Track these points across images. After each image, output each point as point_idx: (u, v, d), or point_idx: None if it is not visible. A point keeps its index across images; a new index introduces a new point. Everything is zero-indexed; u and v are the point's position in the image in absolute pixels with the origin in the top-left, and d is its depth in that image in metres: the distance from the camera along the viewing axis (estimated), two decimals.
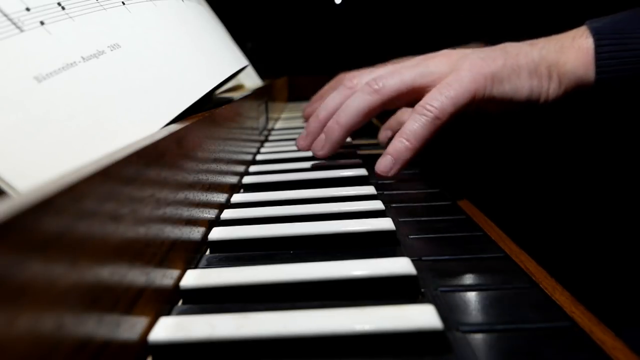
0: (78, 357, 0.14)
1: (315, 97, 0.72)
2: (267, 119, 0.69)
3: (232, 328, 0.19)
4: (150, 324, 0.20)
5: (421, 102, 0.39)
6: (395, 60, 0.70)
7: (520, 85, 0.40)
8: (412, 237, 0.30)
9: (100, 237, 0.16)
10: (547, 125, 0.60)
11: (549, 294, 0.22)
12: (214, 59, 0.39)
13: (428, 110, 0.38)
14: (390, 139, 0.46)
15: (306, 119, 0.68)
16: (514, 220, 0.38)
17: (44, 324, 0.12)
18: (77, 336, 0.14)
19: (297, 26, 1.33)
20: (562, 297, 0.22)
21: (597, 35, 0.38)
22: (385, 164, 0.38)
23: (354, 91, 0.43)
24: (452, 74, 0.40)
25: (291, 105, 1.09)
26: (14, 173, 0.20)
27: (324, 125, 0.44)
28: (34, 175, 0.20)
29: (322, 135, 0.43)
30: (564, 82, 0.40)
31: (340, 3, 1.31)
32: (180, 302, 0.23)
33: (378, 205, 0.33)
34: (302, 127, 0.73)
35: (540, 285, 0.23)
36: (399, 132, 0.39)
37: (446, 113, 0.38)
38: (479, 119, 0.44)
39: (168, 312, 0.22)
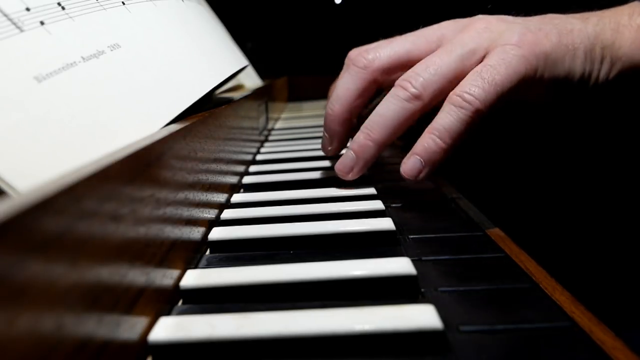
0: (78, 357, 0.14)
1: (332, 87, 0.66)
2: (267, 119, 0.69)
3: (232, 328, 0.19)
4: (150, 324, 0.20)
5: (457, 90, 0.32)
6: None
7: (574, 68, 0.33)
8: (412, 237, 0.30)
9: (100, 237, 0.16)
10: (546, 125, 0.60)
11: (549, 294, 0.22)
12: (214, 59, 0.39)
13: (466, 101, 0.31)
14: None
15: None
16: (514, 220, 0.38)
17: (44, 324, 0.12)
18: (77, 336, 0.14)
19: (297, 26, 1.33)
20: (562, 297, 0.22)
21: None
22: (413, 166, 0.32)
23: (368, 73, 0.36)
24: (497, 51, 0.32)
25: (291, 105, 1.09)
26: (14, 173, 0.20)
27: (341, 120, 0.37)
28: (34, 175, 0.20)
29: (351, 154, 0.35)
30: (616, 66, 0.34)
31: (340, 3, 1.31)
32: (180, 302, 0.23)
33: (378, 205, 0.33)
34: (302, 128, 0.73)
35: (540, 285, 0.23)
36: (429, 126, 0.32)
37: (489, 103, 0.31)
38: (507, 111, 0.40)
39: (168, 312, 0.22)
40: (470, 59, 0.33)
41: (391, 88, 0.35)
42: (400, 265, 0.23)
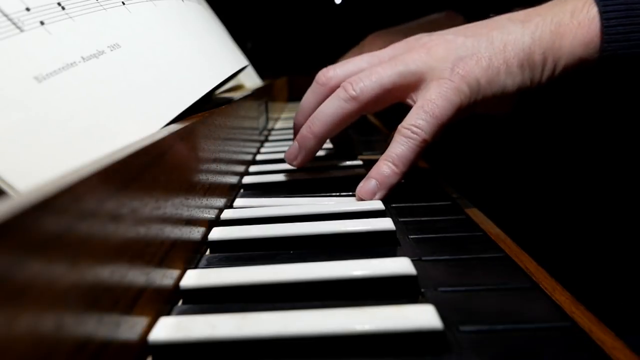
0: (78, 357, 0.14)
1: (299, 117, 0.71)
2: (267, 119, 0.69)
3: (232, 328, 0.19)
4: (150, 324, 0.20)
5: (405, 124, 0.36)
6: (373, 36, 0.69)
7: (511, 83, 0.36)
8: (412, 237, 0.30)
9: (100, 237, 0.16)
10: (546, 125, 0.60)
11: (549, 294, 0.22)
12: (214, 59, 0.39)
13: (414, 133, 0.36)
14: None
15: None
16: (514, 220, 0.38)
17: (44, 324, 0.12)
18: (77, 336, 0.14)
19: (297, 26, 1.33)
20: (562, 297, 0.22)
21: (602, 2, 0.35)
22: (368, 188, 0.35)
23: (326, 89, 0.40)
24: (434, 84, 0.36)
25: (291, 105, 1.09)
26: (14, 173, 0.20)
27: (318, 141, 0.40)
28: (34, 175, 0.20)
29: (295, 144, 0.40)
30: (559, 66, 0.36)
31: (340, 3, 1.31)
32: (180, 302, 0.23)
33: (378, 205, 0.33)
34: None
35: (540, 285, 0.23)
36: (384, 154, 0.36)
37: (433, 133, 0.36)
38: (477, 120, 0.42)
39: (168, 312, 0.22)
40: (408, 78, 0.38)
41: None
42: (400, 265, 0.23)
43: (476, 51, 0.37)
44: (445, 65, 0.37)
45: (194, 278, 0.24)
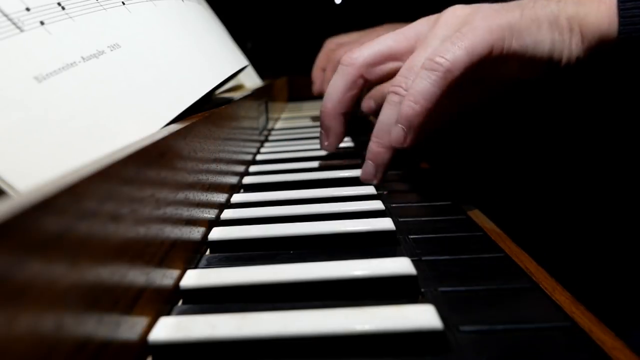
0: (78, 357, 0.14)
1: (314, 73, 0.75)
2: (267, 119, 0.69)
3: (232, 328, 0.19)
4: (150, 324, 0.20)
5: (430, 55, 0.34)
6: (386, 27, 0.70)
7: (542, 38, 0.35)
8: (412, 237, 0.30)
9: (100, 237, 0.16)
10: (547, 124, 0.60)
11: (549, 294, 0.22)
12: (214, 59, 0.39)
13: (438, 63, 0.33)
14: (377, 110, 0.42)
15: (315, 93, 0.69)
16: (514, 220, 0.38)
17: (44, 324, 0.12)
18: (77, 336, 0.14)
19: (297, 26, 1.33)
20: (562, 297, 0.22)
21: None
22: (397, 134, 0.34)
23: (354, 70, 0.40)
24: (465, 26, 0.35)
25: (291, 105, 1.09)
26: (14, 173, 0.20)
27: (334, 115, 0.41)
28: (34, 175, 0.20)
29: (369, 163, 0.38)
30: (586, 36, 0.35)
31: (340, 3, 1.31)
32: (180, 302, 0.23)
33: (378, 205, 0.33)
34: (302, 128, 0.73)
35: (540, 285, 0.23)
36: (407, 93, 0.34)
37: (460, 65, 0.33)
38: (476, 120, 0.42)
39: (168, 312, 0.22)
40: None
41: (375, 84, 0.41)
42: (400, 265, 0.23)
43: (506, 7, 0.36)
44: (476, 14, 0.36)
45: (194, 278, 0.24)
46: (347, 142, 0.56)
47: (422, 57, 0.36)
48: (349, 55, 0.41)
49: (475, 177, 0.64)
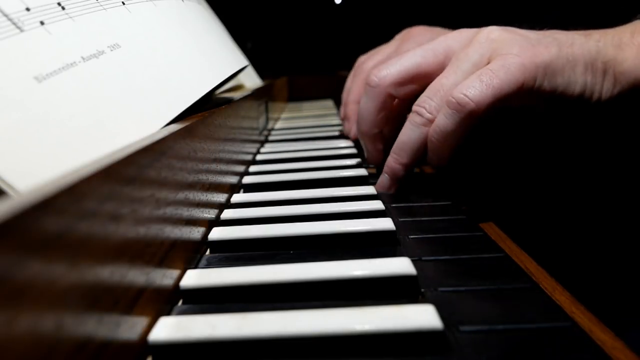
0: (78, 357, 0.14)
1: (344, 95, 0.67)
2: (267, 119, 0.69)
3: (232, 328, 0.19)
4: (150, 324, 0.20)
5: (454, 92, 0.33)
6: (410, 30, 0.66)
7: (574, 80, 0.34)
8: (412, 237, 0.30)
9: (100, 237, 0.16)
10: (549, 128, 0.60)
11: (549, 294, 0.22)
12: (214, 59, 0.39)
13: (462, 104, 0.33)
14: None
15: (342, 119, 0.64)
16: (514, 220, 0.38)
17: (44, 324, 0.12)
18: (77, 336, 0.14)
19: (297, 26, 1.33)
20: (562, 297, 0.22)
21: None
22: (429, 158, 0.36)
23: (382, 90, 0.40)
24: (498, 58, 0.34)
25: (291, 105, 1.09)
26: (14, 173, 0.20)
27: (371, 136, 0.43)
28: (34, 175, 0.20)
29: (386, 177, 0.39)
30: (620, 81, 0.35)
31: (340, 3, 1.31)
32: (180, 302, 0.23)
33: (378, 205, 0.33)
34: (302, 128, 0.73)
35: (540, 285, 0.23)
36: (431, 129, 0.35)
37: (484, 105, 0.32)
38: (510, 117, 0.41)
39: (168, 312, 0.22)
40: (475, 71, 0.35)
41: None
42: (400, 265, 0.23)
43: (544, 40, 0.35)
44: (512, 44, 0.34)
45: (194, 278, 0.24)
46: (347, 143, 0.56)
47: (450, 80, 0.36)
48: (376, 75, 0.40)
49: (476, 177, 0.64)
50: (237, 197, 0.37)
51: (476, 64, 0.35)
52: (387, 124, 0.43)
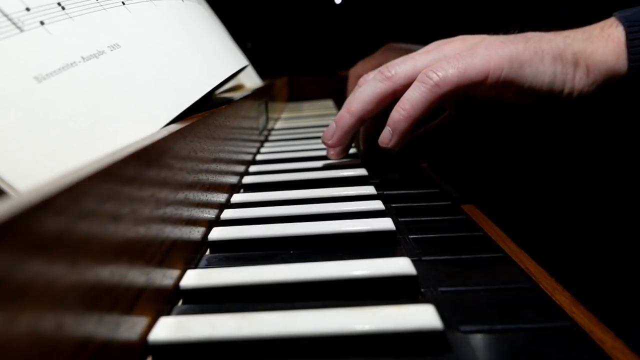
0: (78, 357, 0.14)
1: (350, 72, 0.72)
2: (267, 119, 0.69)
3: (232, 328, 0.19)
4: (150, 324, 0.20)
5: (425, 70, 0.37)
6: (387, 47, 0.69)
7: (543, 70, 0.36)
8: (412, 237, 0.30)
9: (100, 237, 0.16)
10: (549, 127, 0.60)
11: (549, 294, 0.22)
12: (214, 59, 0.39)
13: (428, 77, 0.37)
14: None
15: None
16: (514, 220, 0.38)
17: (44, 324, 0.12)
18: (77, 336, 0.14)
19: (297, 26, 1.33)
20: (562, 297, 0.22)
21: (627, 23, 0.35)
22: (384, 136, 0.38)
23: (392, 82, 0.41)
24: (467, 50, 0.38)
25: (291, 105, 1.09)
26: (14, 173, 0.20)
27: (355, 119, 0.42)
28: (34, 175, 0.20)
29: (332, 124, 0.42)
30: (592, 71, 0.36)
31: (340, 3, 1.31)
32: (180, 302, 0.23)
33: (378, 205, 0.33)
34: (302, 127, 0.73)
35: (540, 285, 0.23)
36: (399, 101, 0.38)
37: (448, 83, 0.36)
38: (494, 118, 0.42)
39: (168, 312, 0.22)
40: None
41: None
42: (400, 265, 0.23)
43: (511, 38, 0.38)
44: (480, 44, 0.38)
45: (194, 278, 0.24)
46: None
47: (423, 62, 0.39)
48: (389, 69, 0.41)
49: (476, 177, 0.64)
50: (237, 197, 0.37)
51: (447, 56, 0.38)
52: (368, 119, 0.43)
